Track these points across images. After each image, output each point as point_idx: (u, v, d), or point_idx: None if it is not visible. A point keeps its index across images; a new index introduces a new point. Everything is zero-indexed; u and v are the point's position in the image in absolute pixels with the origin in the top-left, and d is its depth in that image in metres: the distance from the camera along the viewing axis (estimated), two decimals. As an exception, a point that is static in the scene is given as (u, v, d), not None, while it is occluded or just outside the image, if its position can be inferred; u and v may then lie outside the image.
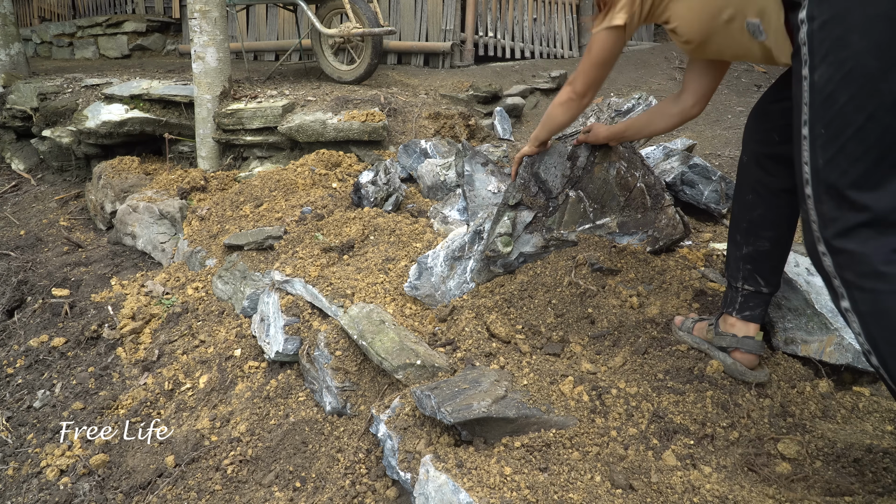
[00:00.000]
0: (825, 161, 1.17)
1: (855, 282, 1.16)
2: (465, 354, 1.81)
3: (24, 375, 2.56)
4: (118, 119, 4.15)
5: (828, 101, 1.15)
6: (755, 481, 1.39)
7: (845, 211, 1.16)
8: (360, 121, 3.58)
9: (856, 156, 1.13)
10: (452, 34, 5.74)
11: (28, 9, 9.90)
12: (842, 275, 1.18)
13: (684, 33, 1.52)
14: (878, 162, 1.12)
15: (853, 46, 1.10)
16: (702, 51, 1.55)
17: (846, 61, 1.11)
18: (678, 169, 2.66)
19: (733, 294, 1.68)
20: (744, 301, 1.66)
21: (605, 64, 1.65)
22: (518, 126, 4.73)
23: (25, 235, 3.86)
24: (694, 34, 1.50)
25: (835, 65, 1.13)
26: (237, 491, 1.81)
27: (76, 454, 2.11)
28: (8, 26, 5.26)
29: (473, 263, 2.15)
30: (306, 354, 2.06)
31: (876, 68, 1.09)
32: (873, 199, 1.13)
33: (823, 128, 1.16)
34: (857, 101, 1.11)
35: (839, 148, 1.15)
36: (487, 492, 1.34)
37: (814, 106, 1.17)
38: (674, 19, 1.53)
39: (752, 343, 1.64)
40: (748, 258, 1.62)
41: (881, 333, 1.16)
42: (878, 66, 1.08)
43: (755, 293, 1.64)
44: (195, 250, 3.05)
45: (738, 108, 4.83)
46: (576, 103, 1.75)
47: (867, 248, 1.14)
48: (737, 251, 1.65)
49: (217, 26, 3.86)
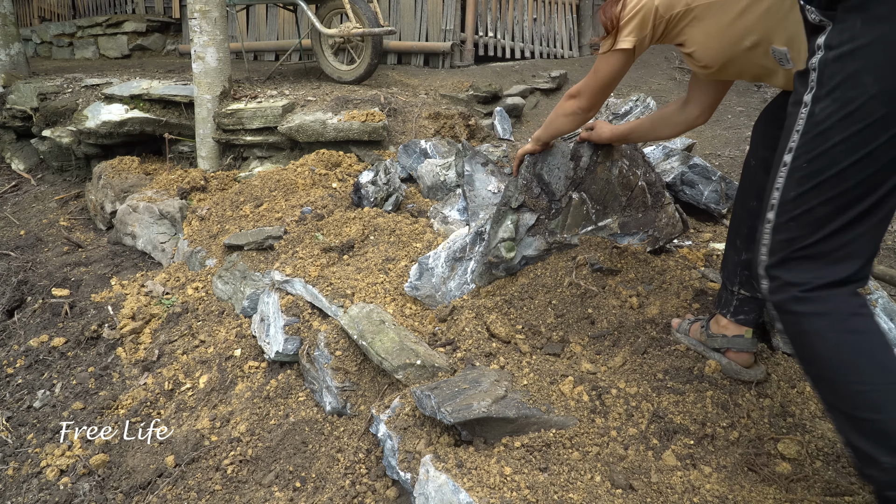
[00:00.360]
0: (797, 195, 1.15)
1: (783, 304, 1.20)
2: (465, 354, 1.81)
3: (24, 375, 2.56)
4: (118, 119, 4.15)
5: (820, 137, 1.11)
6: (755, 481, 1.39)
7: (795, 245, 1.17)
8: (360, 121, 3.58)
9: (827, 197, 1.12)
10: (452, 34, 5.74)
11: (28, 9, 9.90)
12: (774, 300, 1.22)
13: (702, 59, 1.49)
14: (844, 208, 1.11)
15: (864, 88, 1.05)
16: (719, 75, 1.53)
17: (852, 101, 1.06)
18: (678, 169, 2.66)
19: (728, 296, 1.68)
20: (739, 305, 1.66)
21: (611, 85, 1.66)
22: (518, 126, 4.73)
23: (25, 235, 3.86)
24: (712, 60, 1.47)
25: (840, 101, 1.08)
26: (237, 491, 1.81)
27: (76, 454, 2.11)
28: (8, 26, 5.26)
29: (474, 265, 2.14)
30: (306, 354, 2.06)
31: (880, 116, 1.04)
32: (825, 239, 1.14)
33: (807, 162, 1.13)
34: (849, 143, 1.08)
35: (814, 185, 1.13)
36: (487, 492, 1.34)
37: (805, 136, 1.14)
38: (690, 44, 1.50)
39: (744, 342, 1.65)
40: (747, 264, 1.62)
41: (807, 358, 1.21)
42: (883, 114, 1.04)
43: (751, 298, 1.64)
44: (195, 250, 3.05)
45: (738, 108, 4.83)
46: (581, 117, 1.77)
47: (798, 277, 1.17)
48: (736, 256, 1.65)
49: (217, 26, 3.86)
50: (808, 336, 1.18)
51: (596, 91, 1.68)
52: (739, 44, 1.39)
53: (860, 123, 1.06)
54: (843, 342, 1.15)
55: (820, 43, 1.10)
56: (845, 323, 1.15)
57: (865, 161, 1.07)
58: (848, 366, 1.15)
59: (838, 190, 1.11)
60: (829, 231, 1.14)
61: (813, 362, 1.20)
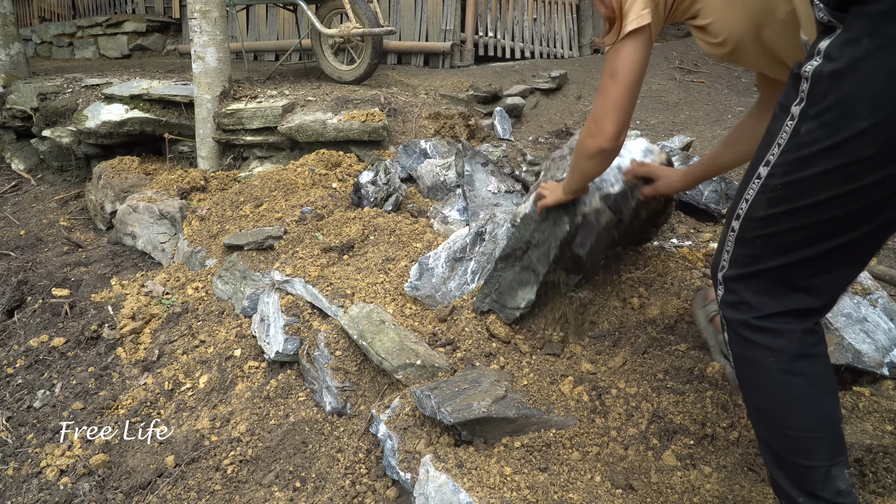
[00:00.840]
0: (766, 215, 1.05)
1: (734, 323, 1.15)
2: (465, 354, 1.81)
3: (24, 375, 2.56)
4: (118, 119, 4.15)
5: (801, 162, 0.99)
6: (755, 481, 1.39)
7: (757, 264, 1.10)
8: (360, 121, 3.58)
9: (798, 224, 1.02)
10: (452, 34, 5.74)
11: (28, 9, 9.90)
12: (725, 311, 1.17)
13: (720, 30, 1.26)
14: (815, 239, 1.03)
15: (856, 119, 0.91)
16: (734, 58, 1.31)
17: (840, 131, 0.93)
18: (678, 169, 2.65)
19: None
20: None
21: (637, 83, 1.30)
22: (518, 126, 4.73)
23: (25, 235, 3.86)
24: (731, 30, 1.25)
25: (827, 129, 0.94)
26: (237, 491, 1.81)
27: (76, 454, 2.11)
28: (8, 26, 5.26)
29: (474, 265, 2.14)
30: (306, 354, 2.06)
31: (869, 156, 0.91)
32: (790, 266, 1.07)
33: (782, 185, 1.02)
34: (831, 178, 0.96)
35: (786, 211, 1.02)
36: (487, 492, 1.34)
37: (785, 155, 1.01)
38: (708, 12, 1.27)
39: None
40: None
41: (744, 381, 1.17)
42: (872, 154, 0.91)
43: None
44: (195, 250, 3.05)
45: (738, 108, 4.83)
46: (609, 153, 1.38)
47: (755, 299, 1.11)
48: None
49: (217, 26, 3.86)
50: (752, 365, 1.13)
51: (620, 104, 1.29)
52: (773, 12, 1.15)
53: (846, 158, 0.94)
54: (785, 383, 1.09)
55: (821, 48, 0.95)
56: (792, 363, 1.08)
57: (846, 198, 0.96)
58: (786, 407, 1.10)
59: (812, 220, 1.01)
60: (795, 259, 1.05)
61: (752, 389, 1.16)
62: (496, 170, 2.72)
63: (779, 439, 1.13)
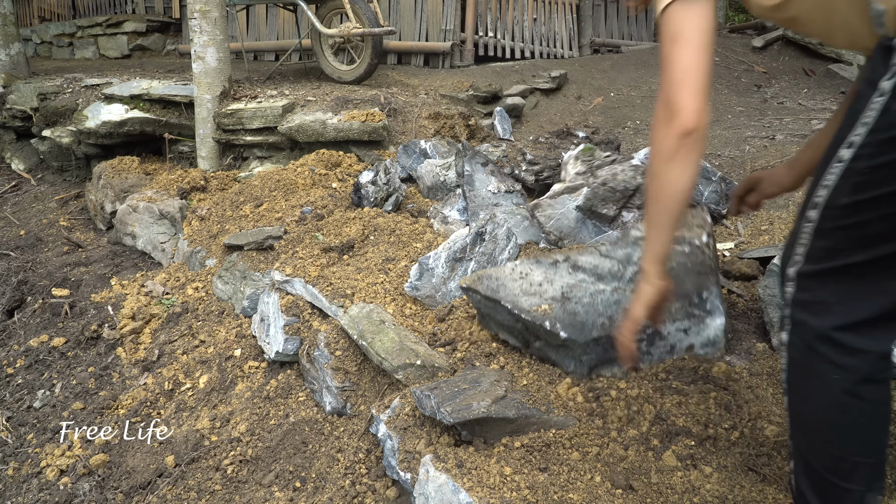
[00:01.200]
0: (850, 202, 0.94)
1: (802, 326, 1.04)
2: (465, 354, 1.81)
3: (24, 375, 2.56)
4: (118, 119, 4.15)
5: (892, 143, 0.89)
6: (756, 481, 1.39)
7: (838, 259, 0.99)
8: (360, 121, 3.58)
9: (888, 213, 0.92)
10: (452, 34, 5.74)
11: (28, 9, 9.90)
12: (794, 311, 1.06)
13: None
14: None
15: None
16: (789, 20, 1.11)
17: None
18: (678, 169, 2.65)
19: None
20: None
21: (709, 42, 1.03)
22: (518, 126, 4.73)
23: (25, 235, 3.86)
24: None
25: None
26: (237, 491, 1.81)
27: (76, 454, 2.11)
28: (8, 26, 5.26)
29: (475, 265, 2.14)
30: (306, 354, 2.06)
31: None
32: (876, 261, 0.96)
33: (870, 168, 0.91)
34: None
35: (874, 197, 0.91)
36: (487, 492, 1.34)
37: (873, 135, 0.90)
38: None
39: None
40: None
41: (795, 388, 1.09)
42: None
43: None
44: (195, 250, 3.05)
45: (738, 108, 4.83)
46: (696, 134, 1.03)
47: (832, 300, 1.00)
48: None
49: (217, 26, 3.86)
50: (811, 377, 1.04)
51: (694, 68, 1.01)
52: None
53: None
54: (844, 403, 1.01)
55: None
56: (857, 386, 0.99)
57: None
58: (837, 428, 1.03)
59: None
60: (883, 253, 0.95)
61: (802, 400, 1.08)
62: (496, 170, 2.72)
63: (819, 456, 1.06)
